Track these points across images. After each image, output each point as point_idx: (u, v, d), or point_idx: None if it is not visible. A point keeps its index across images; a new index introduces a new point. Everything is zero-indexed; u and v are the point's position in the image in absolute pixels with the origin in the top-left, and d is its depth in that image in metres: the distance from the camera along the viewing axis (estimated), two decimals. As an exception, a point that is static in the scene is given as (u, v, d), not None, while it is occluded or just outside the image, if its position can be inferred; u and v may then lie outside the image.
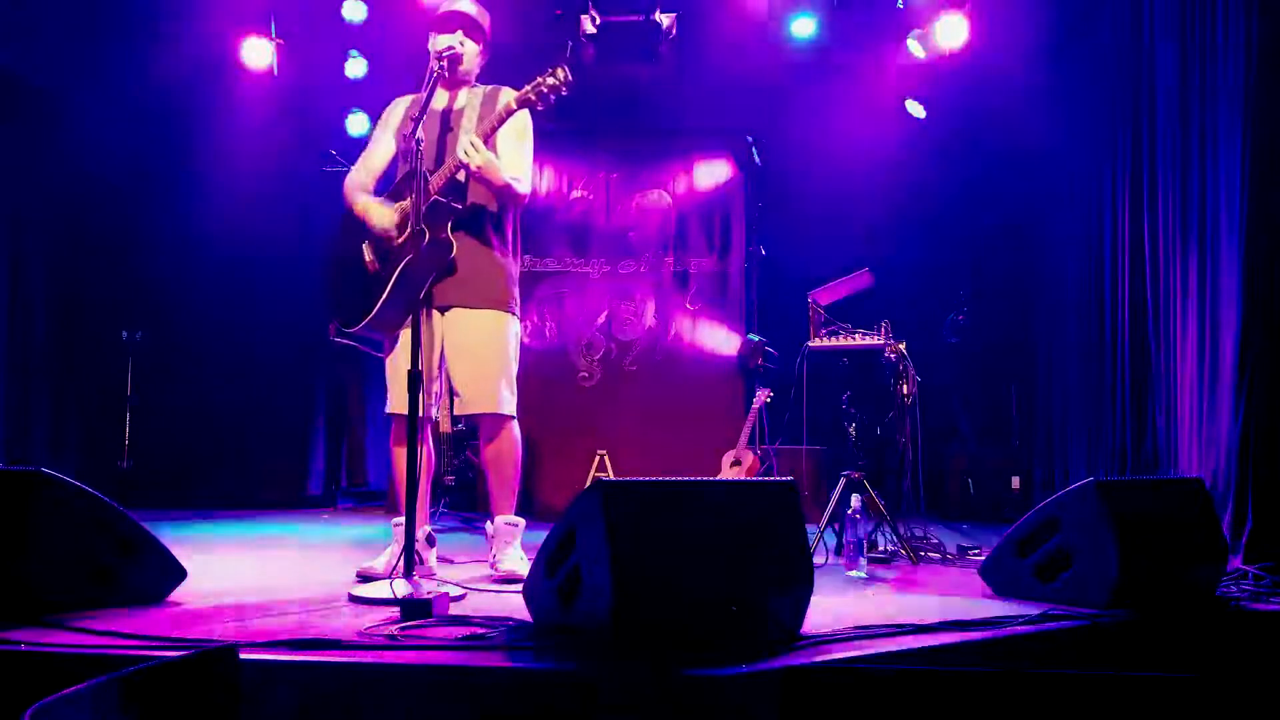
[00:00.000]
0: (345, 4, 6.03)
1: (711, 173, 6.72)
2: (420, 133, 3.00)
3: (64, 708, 1.36)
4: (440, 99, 3.50)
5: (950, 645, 2.31)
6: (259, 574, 3.44)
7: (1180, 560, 2.92)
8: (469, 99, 3.49)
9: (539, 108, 3.25)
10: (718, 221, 6.65)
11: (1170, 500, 3.04)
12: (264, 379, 6.54)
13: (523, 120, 3.43)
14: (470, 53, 3.49)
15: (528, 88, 3.22)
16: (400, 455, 3.42)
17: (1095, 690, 1.72)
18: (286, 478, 6.58)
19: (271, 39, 6.02)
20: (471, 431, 6.08)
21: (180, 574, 2.79)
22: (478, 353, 3.39)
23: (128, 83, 5.81)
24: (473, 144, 3.20)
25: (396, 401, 3.37)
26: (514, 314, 3.49)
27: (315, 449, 6.84)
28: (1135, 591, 2.73)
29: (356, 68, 6.28)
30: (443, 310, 3.41)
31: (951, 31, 5.63)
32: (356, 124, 6.47)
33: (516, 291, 3.52)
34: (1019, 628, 2.51)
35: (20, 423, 5.51)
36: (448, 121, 3.46)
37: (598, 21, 5.99)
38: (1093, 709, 1.71)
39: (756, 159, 6.42)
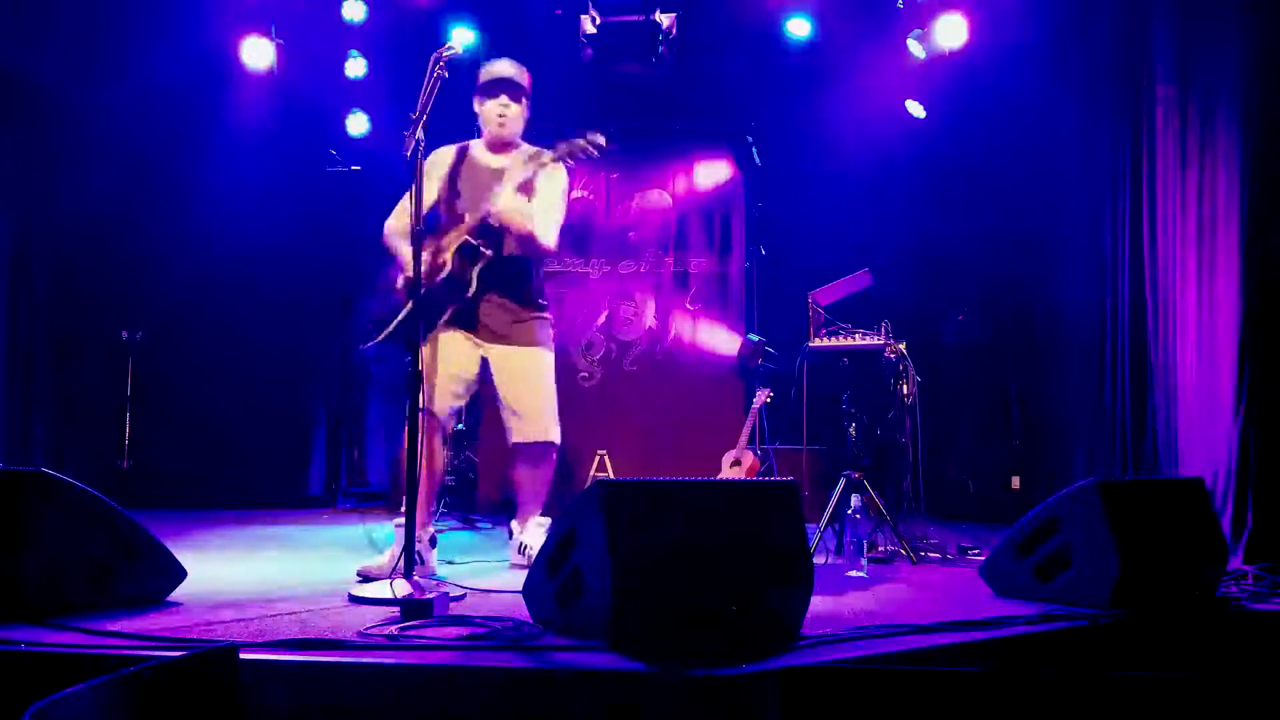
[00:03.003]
0: (345, 4, 6.02)
1: (711, 173, 6.72)
2: (420, 134, 3.01)
3: (64, 708, 1.36)
4: (486, 157, 3.73)
5: (950, 645, 2.31)
6: (259, 574, 3.44)
7: (1180, 560, 2.93)
8: (515, 159, 3.68)
9: (570, 165, 3.57)
10: (718, 221, 6.65)
11: (1170, 500, 3.04)
12: (264, 379, 6.53)
13: (560, 176, 3.67)
14: (514, 114, 3.70)
15: (563, 146, 3.47)
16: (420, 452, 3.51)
17: (1095, 690, 1.72)
18: (286, 478, 6.56)
19: (271, 39, 6.01)
20: (471, 431, 6.10)
21: (180, 574, 2.79)
22: (537, 387, 3.65)
23: (128, 83, 5.81)
24: (496, 194, 3.45)
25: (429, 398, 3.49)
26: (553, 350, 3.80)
27: (315, 449, 6.82)
28: (1135, 591, 2.73)
29: (356, 68, 6.27)
30: (496, 338, 3.60)
31: (951, 31, 5.63)
32: (356, 124, 6.45)
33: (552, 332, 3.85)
34: (1019, 628, 2.51)
35: (20, 423, 5.50)
36: (487, 179, 3.63)
37: (598, 21, 5.99)
38: (1092, 709, 1.71)
39: (756, 159, 6.41)
